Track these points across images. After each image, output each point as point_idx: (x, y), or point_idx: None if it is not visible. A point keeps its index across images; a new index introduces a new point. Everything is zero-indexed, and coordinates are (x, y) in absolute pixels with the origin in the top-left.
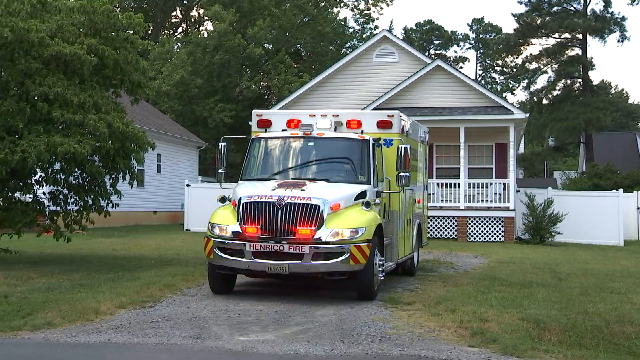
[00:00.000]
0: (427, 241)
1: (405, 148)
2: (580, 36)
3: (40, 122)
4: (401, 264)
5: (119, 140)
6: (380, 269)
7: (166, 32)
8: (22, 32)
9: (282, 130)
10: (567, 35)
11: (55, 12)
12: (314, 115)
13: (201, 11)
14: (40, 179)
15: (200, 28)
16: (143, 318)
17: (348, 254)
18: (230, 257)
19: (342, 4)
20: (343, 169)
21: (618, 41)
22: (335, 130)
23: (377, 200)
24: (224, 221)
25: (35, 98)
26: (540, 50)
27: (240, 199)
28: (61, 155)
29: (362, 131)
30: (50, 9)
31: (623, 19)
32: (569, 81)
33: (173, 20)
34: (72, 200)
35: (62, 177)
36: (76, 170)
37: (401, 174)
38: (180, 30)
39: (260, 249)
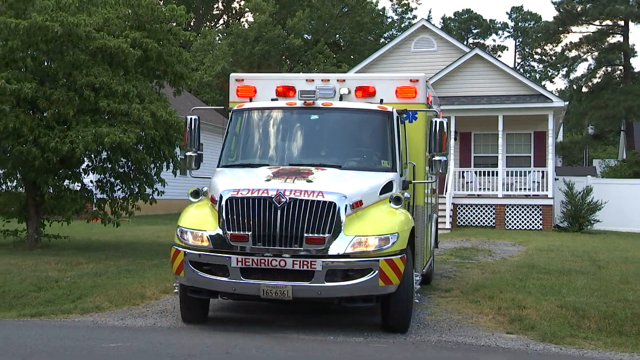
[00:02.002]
0: (439, 239)
1: (441, 123)
2: (621, 23)
3: (87, 112)
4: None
5: (162, 128)
6: (417, 287)
7: (208, 23)
8: (71, 26)
9: (272, 100)
10: (608, 22)
11: (102, 5)
12: (313, 81)
13: (242, 3)
14: (87, 167)
15: (241, 19)
16: None
17: (376, 272)
18: (209, 276)
19: None
20: (360, 152)
21: None
22: (340, 99)
23: (407, 194)
24: (199, 225)
25: (83, 88)
26: (580, 38)
27: (221, 193)
28: (107, 145)
29: (382, 100)
30: (97, 2)
31: None
32: (609, 69)
33: (214, 12)
34: (118, 188)
35: (109, 165)
36: (122, 159)
37: (437, 157)
38: (221, 21)
39: (252, 265)
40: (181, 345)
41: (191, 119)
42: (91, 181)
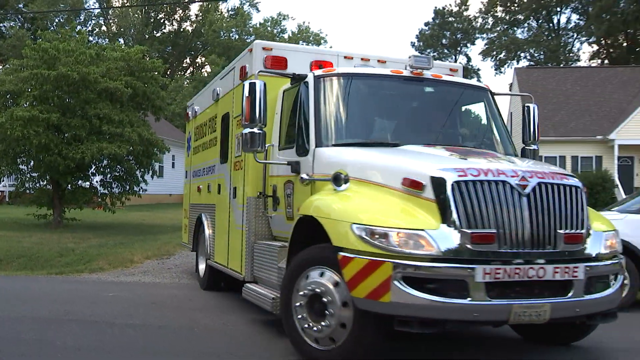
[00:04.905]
0: None
1: (535, 108)
2: None
3: (94, 133)
4: None
5: (145, 145)
6: None
7: (179, 72)
8: (84, 74)
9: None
10: None
11: (105, 60)
12: (352, 58)
13: (203, 59)
14: (94, 171)
15: (202, 70)
16: (162, 266)
17: (621, 277)
18: (435, 299)
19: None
20: (488, 134)
21: None
22: None
23: None
24: (409, 221)
25: (92, 117)
26: None
27: (433, 175)
28: (107, 155)
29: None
30: (102, 58)
31: (479, 69)
32: None
33: (184, 65)
34: (115, 186)
35: (108, 170)
36: (117, 166)
37: (532, 146)
38: (188, 71)
39: (504, 278)
40: (156, 294)
41: (252, 84)
42: (96, 181)
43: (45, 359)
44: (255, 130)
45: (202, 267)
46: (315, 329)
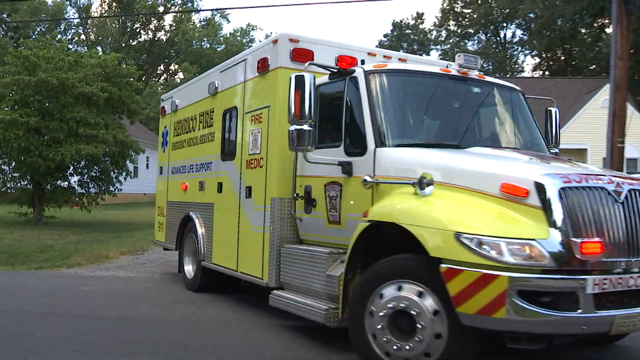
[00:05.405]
0: None
1: (556, 112)
2: None
3: (72, 136)
4: None
5: (119, 146)
6: None
7: (154, 79)
8: (63, 80)
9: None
10: None
11: (83, 66)
12: (375, 55)
13: (176, 66)
14: (72, 172)
15: (175, 76)
16: (136, 261)
17: None
18: (553, 312)
19: None
20: (531, 136)
21: None
22: None
23: None
24: (518, 230)
25: (69, 120)
26: None
27: (537, 181)
28: (84, 156)
29: None
30: (80, 64)
31: None
32: None
33: (158, 72)
34: (92, 186)
35: (86, 171)
36: (94, 167)
37: (554, 149)
38: (162, 77)
39: (610, 288)
40: (131, 288)
41: (300, 77)
42: (74, 181)
43: (25, 349)
44: (305, 127)
45: (189, 267)
46: (395, 347)
